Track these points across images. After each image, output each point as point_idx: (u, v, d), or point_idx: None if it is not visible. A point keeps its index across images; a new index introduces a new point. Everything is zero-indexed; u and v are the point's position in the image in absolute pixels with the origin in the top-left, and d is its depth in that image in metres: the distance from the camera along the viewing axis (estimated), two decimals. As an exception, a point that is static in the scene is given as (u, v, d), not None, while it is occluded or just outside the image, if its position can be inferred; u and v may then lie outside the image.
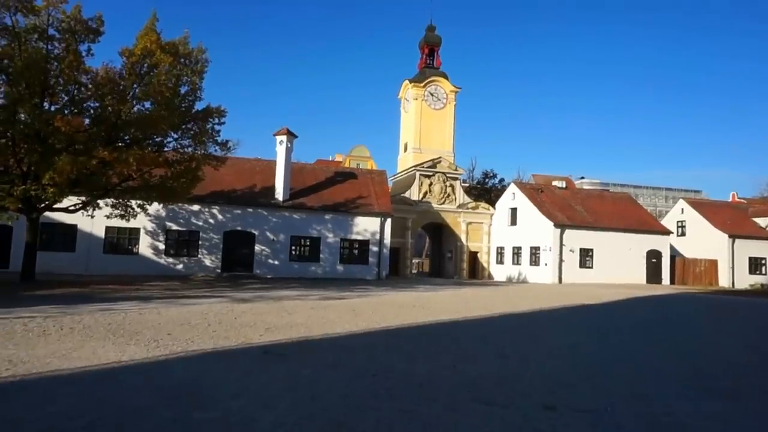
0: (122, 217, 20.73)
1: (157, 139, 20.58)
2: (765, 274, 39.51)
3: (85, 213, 20.44)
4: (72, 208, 19.69)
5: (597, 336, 10.70)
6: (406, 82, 42.59)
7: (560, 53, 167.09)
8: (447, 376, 6.40)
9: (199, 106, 20.34)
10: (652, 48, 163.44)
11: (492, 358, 7.67)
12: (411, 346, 8.40)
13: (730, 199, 58.69)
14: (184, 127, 20.45)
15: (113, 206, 20.54)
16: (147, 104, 18.90)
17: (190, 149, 21.12)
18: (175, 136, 20.88)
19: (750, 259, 39.17)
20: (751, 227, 41.08)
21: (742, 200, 58.38)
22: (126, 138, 19.22)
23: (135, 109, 18.20)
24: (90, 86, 16.52)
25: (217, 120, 21.06)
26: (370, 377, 6.17)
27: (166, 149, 21.11)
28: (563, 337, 10.31)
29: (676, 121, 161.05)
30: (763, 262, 39.76)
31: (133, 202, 20.86)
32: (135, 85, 16.89)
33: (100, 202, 21.16)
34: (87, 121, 17.68)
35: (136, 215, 21.86)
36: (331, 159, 78.29)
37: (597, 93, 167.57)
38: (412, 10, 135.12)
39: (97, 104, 17.16)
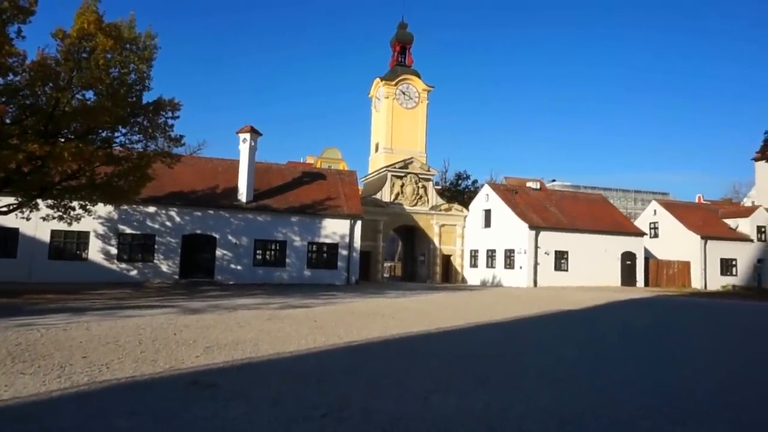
0: (61, 219, 18.77)
1: (103, 134, 18.78)
2: (736, 275, 39.53)
3: (20, 215, 18.43)
4: (4, 209, 17.69)
5: (587, 349, 9.53)
6: (378, 80, 41.37)
7: (531, 57, 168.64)
8: (417, 413, 5.06)
9: (149, 97, 18.62)
10: (621, 53, 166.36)
11: (471, 383, 6.37)
12: (375, 369, 7.04)
13: (697, 202, 59.24)
14: (133, 120, 18.67)
15: (50, 207, 18.56)
16: (90, 94, 17.15)
17: (140, 145, 19.37)
18: (124, 130, 19.10)
19: (721, 260, 39.15)
20: (722, 228, 41.13)
21: (708, 203, 58.97)
22: (67, 132, 17.37)
23: (75, 99, 16.38)
24: (19, 70, 14.64)
25: (170, 114, 19.33)
26: (317, 419, 4.79)
27: (115, 145, 19.33)
28: (550, 350, 9.10)
29: (643, 125, 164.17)
30: (734, 263, 39.78)
31: (76, 203, 18.92)
32: (73, 72, 15.08)
33: (40, 203, 19.24)
34: (14, 110, 15.76)
35: (79, 218, 19.92)
36: (302, 161, 76.47)
37: (567, 96, 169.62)
38: (384, 8, 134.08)
39: (28, 92, 15.27)
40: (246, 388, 5.93)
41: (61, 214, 18.60)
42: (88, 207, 19.19)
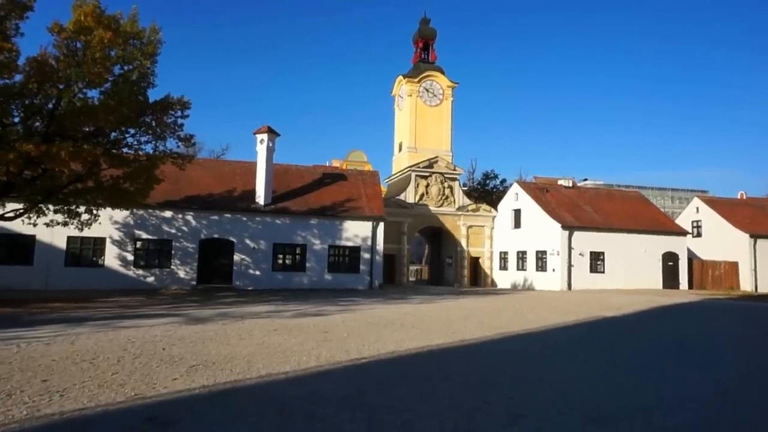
0: (66, 224, 18.08)
1: (112, 135, 18.06)
2: (789, 276, 36.65)
3: (26, 221, 17.79)
4: (10, 215, 17.07)
5: (641, 371, 7.99)
6: (400, 77, 40.11)
7: (558, 51, 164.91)
8: (425, 470, 3.74)
9: (155, 95, 17.82)
10: (655, 47, 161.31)
11: (500, 421, 5.00)
12: (380, 398, 5.72)
13: (741, 199, 55.93)
14: (141, 120, 17.87)
15: (55, 212, 17.89)
16: (93, 93, 16.40)
17: (149, 146, 18.61)
18: (132, 131, 18.34)
19: (773, 260, 36.36)
20: (773, 226, 38.29)
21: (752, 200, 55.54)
22: (72, 133, 16.63)
23: (77, 98, 15.61)
24: (14, 67, 13.88)
25: (180, 113, 18.51)
26: (287, 481, 3.52)
27: (124, 146, 18.61)
28: (595, 373, 7.62)
29: (677, 121, 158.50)
30: (787, 263, 36.91)
31: (82, 208, 18.21)
32: (70, 68, 14.26)
33: (51, 208, 18.61)
34: (18, 111, 15.10)
35: (90, 223, 19.24)
36: (327, 165, 75.80)
37: (598, 92, 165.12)
38: (407, 3, 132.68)
39: (27, 91, 14.53)
40: (213, 426, 4.71)
41: (66, 219, 17.91)
42: (94, 212, 18.47)
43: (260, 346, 9.06)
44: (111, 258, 25.22)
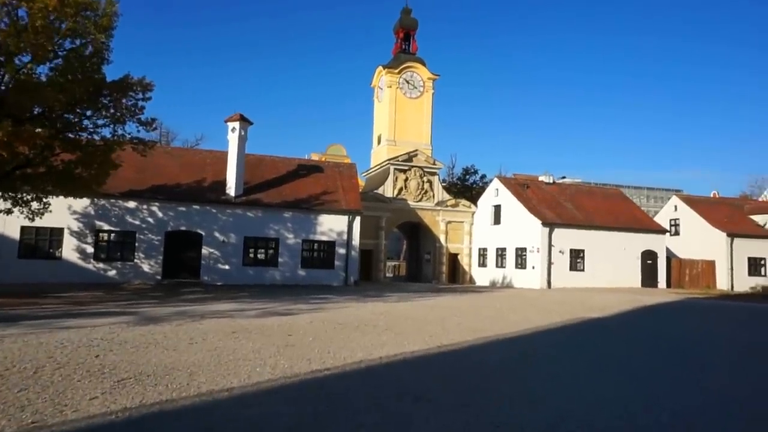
0: (8, 212, 16.61)
1: (69, 117, 16.63)
2: (765, 276, 36.74)
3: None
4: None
5: (641, 382, 7.14)
6: (380, 68, 38.99)
7: (539, 45, 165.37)
8: None
9: (113, 75, 16.45)
10: (634, 44, 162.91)
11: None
12: (341, 426, 4.70)
13: (718, 197, 56.32)
14: (98, 101, 16.48)
15: (-1, 198, 16.47)
16: (43, 70, 14.99)
17: (107, 130, 17.24)
18: (89, 113, 16.94)
19: (749, 259, 36.40)
20: (749, 225, 38.37)
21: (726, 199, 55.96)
22: (17, 113, 15.17)
23: (21, 74, 14.17)
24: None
25: (141, 95, 17.17)
26: None
27: (80, 129, 17.19)
28: (591, 387, 6.72)
29: (652, 121, 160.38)
30: (763, 262, 37.04)
31: (31, 195, 16.76)
32: (8, 38, 12.83)
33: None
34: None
35: (41, 213, 17.76)
36: (306, 158, 74.28)
37: (578, 88, 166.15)
38: None
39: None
40: (115, 472, 3.64)
41: (11, 207, 16.43)
42: (44, 200, 17.02)
43: (210, 353, 7.96)
44: (69, 250, 23.68)
